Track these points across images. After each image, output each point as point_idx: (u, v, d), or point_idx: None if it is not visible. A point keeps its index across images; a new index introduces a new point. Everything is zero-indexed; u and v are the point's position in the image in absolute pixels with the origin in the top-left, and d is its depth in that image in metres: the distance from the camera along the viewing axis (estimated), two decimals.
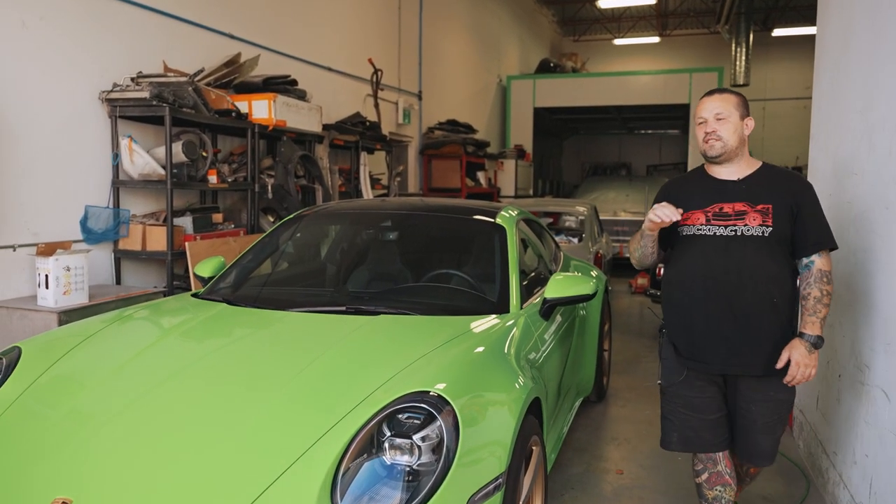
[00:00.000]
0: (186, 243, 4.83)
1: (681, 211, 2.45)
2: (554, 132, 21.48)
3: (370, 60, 8.01)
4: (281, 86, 6.06)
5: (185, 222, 5.02)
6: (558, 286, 3.23)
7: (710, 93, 2.56)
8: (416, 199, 4.58)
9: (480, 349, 2.52)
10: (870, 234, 2.87)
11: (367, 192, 7.75)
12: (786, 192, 2.46)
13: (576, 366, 4.16)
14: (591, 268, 5.39)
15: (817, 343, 2.40)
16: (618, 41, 21.12)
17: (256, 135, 5.68)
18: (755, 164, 2.55)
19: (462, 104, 13.20)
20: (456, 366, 2.32)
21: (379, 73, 8.26)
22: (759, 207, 2.45)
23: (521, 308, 3.11)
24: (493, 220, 3.65)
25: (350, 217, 4.11)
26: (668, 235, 2.62)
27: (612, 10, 20.37)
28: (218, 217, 5.45)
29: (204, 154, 5.07)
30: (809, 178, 4.18)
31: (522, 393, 2.40)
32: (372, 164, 8.96)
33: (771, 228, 2.42)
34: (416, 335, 2.65)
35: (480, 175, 12.20)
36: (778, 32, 19.69)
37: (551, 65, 17.17)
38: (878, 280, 2.79)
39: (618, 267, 10.46)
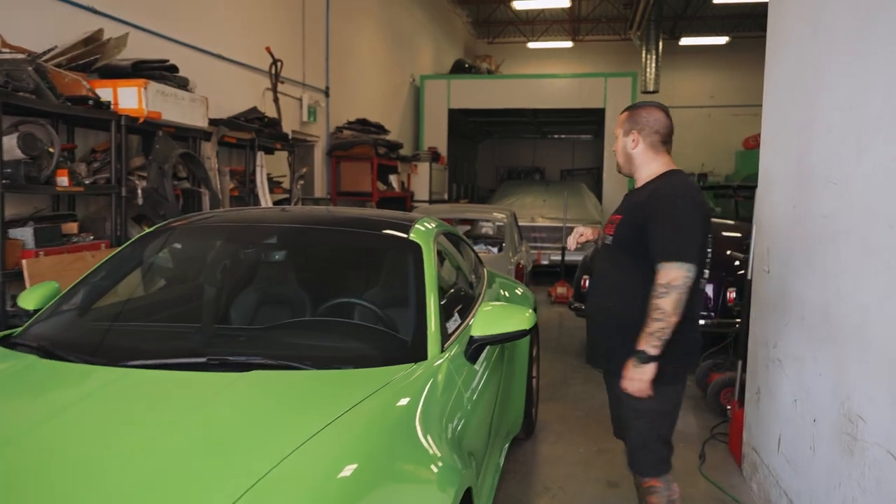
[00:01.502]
0: (24, 261, 3.87)
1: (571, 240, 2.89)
2: (468, 135, 21.05)
3: (268, 49, 7.14)
4: (155, 71, 5.13)
5: (25, 234, 4.05)
6: (488, 320, 2.59)
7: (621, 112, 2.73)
8: (319, 209, 3.80)
9: (388, 427, 1.82)
10: (865, 256, 2.37)
11: (265, 198, 6.89)
12: (639, 203, 2.53)
13: (505, 404, 3.53)
14: (516, 284, 4.80)
15: (640, 357, 2.38)
16: (532, 45, 20.96)
17: (123, 128, 4.74)
18: (649, 177, 2.59)
19: (373, 103, 12.45)
20: (351, 463, 1.61)
21: (279, 63, 7.40)
22: (613, 218, 2.66)
23: (442, 351, 2.43)
24: (406, 235, 2.95)
25: (230, 231, 3.29)
26: None
27: (527, 13, 20.17)
28: (71, 227, 4.48)
29: (50, 150, 4.11)
30: (762, 189, 3.72)
31: (452, 486, 1.72)
32: (272, 166, 8.08)
33: (612, 237, 2.60)
34: (297, 405, 1.91)
35: (393, 178, 11.49)
36: (685, 42, 20.05)
37: (466, 66, 16.69)
38: (877, 313, 2.28)
39: (535, 275, 10.02)
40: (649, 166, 2.59)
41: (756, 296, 3.76)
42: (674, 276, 2.31)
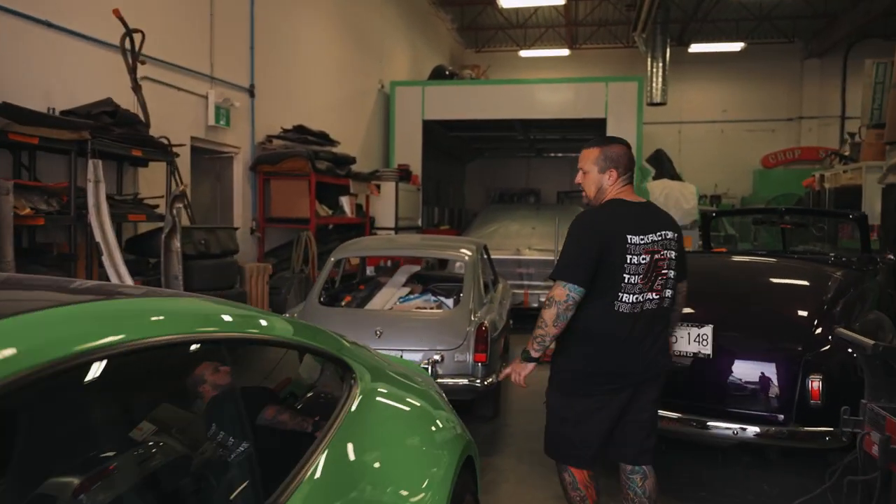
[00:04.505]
0: None
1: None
2: (454, 153, 18.86)
3: (116, 13, 4.94)
4: None
5: None
6: None
7: (586, 144, 2.90)
8: None
9: None
10: None
11: (102, 228, 4.63)
12: None
13: None
14: (407, 389, 2.55)
15: (523, 355, 2.81)
16: (524, 53, 18.85)
17: None
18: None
19: (327, 111, 10.25)
20: None
21: (135, 34, 5.17)
22: None
23: None
24: None
25: None
26: None
27: (517, 17, 18.11)
28: None
29: None
30: None
31: None
32: (151, 183, 5.86)
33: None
34: None
35: (345, 200, 9.24)
36: (695, 48, 17.94)
37: (447, 73, 14.49)
38: None
39: (521, 318, 7.75)
40: (611, 196, 2.83)
41: None
42: (553, 293, 2.66)
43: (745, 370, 3.90)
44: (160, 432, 1.44)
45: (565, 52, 18.69)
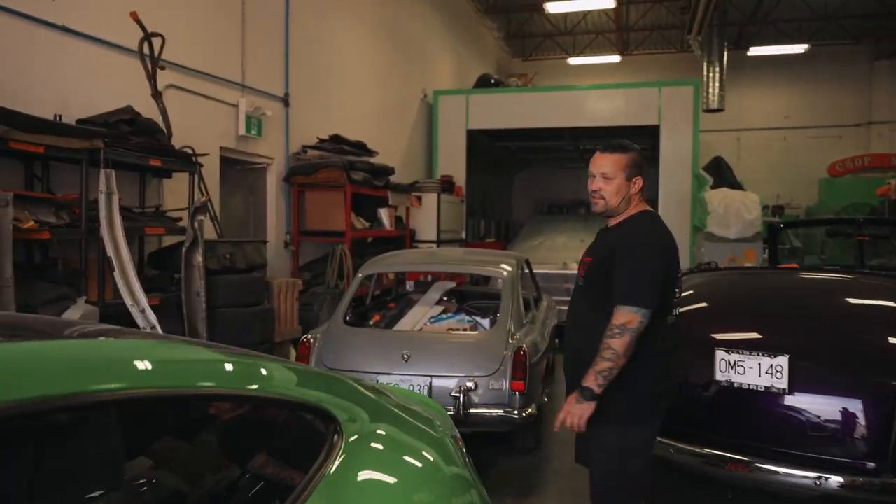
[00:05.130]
0: None
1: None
2: (502, 165, 18.41)
3: (133, 16, 4.69)
4: None
5: None
6: None
7: (603, 149, 2.66)
8: None
9: None
10: None
11: (116, 241, 4.36)
12: (608, 244, 2.62)
13: None
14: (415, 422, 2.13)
15: (584, 393, 2.47)
16: (573, 60, 18.32)
17: None
18: (623, 217, 2.65)
19: (366, 121, 9.97)
20: None
21: (154, 39, 4.92)
22: (586, 260, 2.72)
23: None
24: None
25: None
26: None
27: (566, 23, 17.62)
28: None
29: None
30: None
31: None
32: (177, 195, 5.62)
33: (584, 279, 2.69)
34: None
35: (383, 212, 8.90)
36: (754, 52, 17.08)
37: (492, 81, 14.05)
38: None
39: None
40: (635, 208, 2.66)
41: None
42: (628, 321, 2.43)
43: (827, 407, 3.32)
44: None
45: (616, 58, 18.07)
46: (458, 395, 4.09)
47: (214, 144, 6.45)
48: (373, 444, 1.75)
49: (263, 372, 1.59)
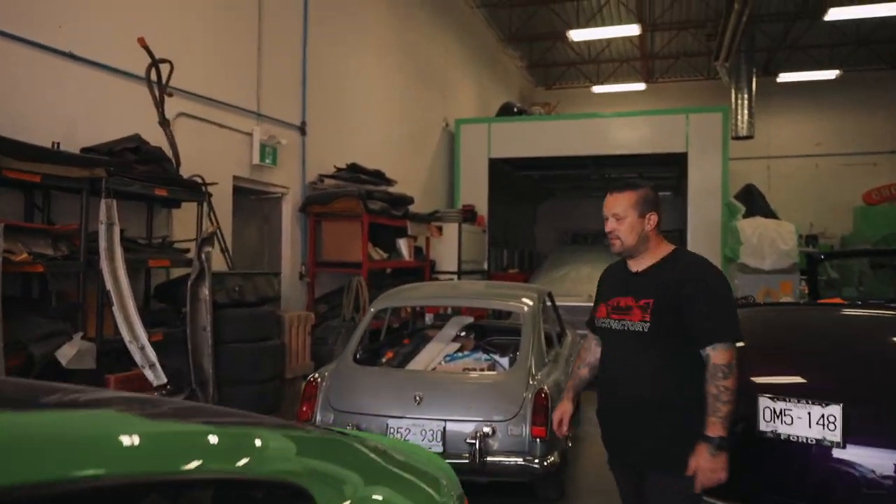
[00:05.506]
0: None
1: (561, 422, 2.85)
2: (525, 195, 18.16)
3: (141, 41, 4.56)
4: None
5: None
6: None
7: (611, 190, 2.62)
8: None
9: None
10: None
11: (116, 273, 4.16)
12: (674, 283, 2.49)
13: None
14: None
15: (720, 444, 2.33)
16: (597, 89, 18.11)
17: None
18: (660, 254, 2.59)
19: (385, 150, 9.81)
20: None
21: (163, 65, 4.78)
22: (641, 302, 2.52)
23: None
24: None
25: None
26: None
27: (589, 51, 17.45)
28: None
29: None
30: None
31: None
32: (186, 226, 5.45)
33: (649, 324, 2.47)
34: None
35: (402, 243, 8.67)
36: (784, 78, 16.71)
37: (515, 110, 13.88)
38: None
39: None
40: (659, 246, 2.60)
41: None
42: (731, 356, 2.38)
43: (886, 462, 2.96)
44: None
45: (641, 86, 17.83)
46: (473, 441, 3.78)
47: (227, 173, 6.29)
48: None
49: (226, 444, 1.32)
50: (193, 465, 1.17)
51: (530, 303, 4.71)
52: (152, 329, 4.79)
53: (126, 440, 1.13)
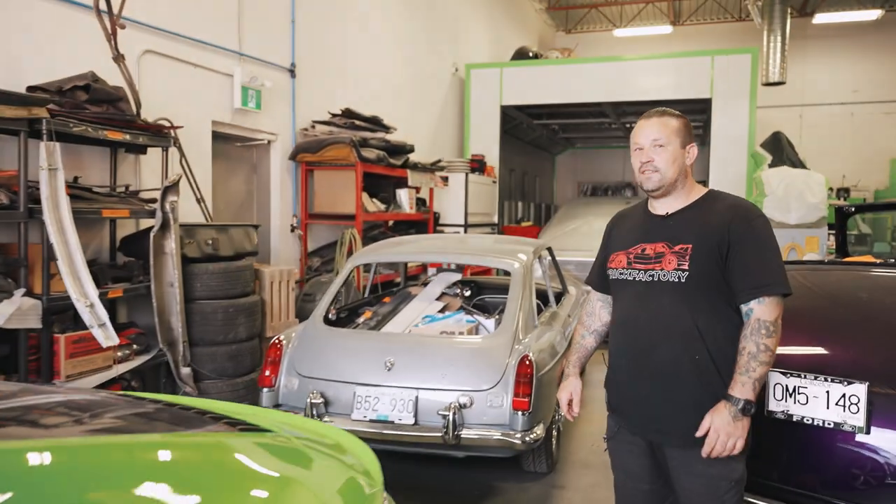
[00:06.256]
0: None
1: (571, 403, 2.42)
2: (543, 145, 17.49)
3: None
4: None
5: None
6: None
7: (648, 115, 2.25)
8: None
9: None
10: None
11: (62, 226, 3.79)
12: (716, 227, 2.12)
13: None
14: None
15: (746, 408, 2.03)
16: (619, 32, 17.18)
17: None
18: (694, 195, 2.24)
19: (389, 96, 9.27)
20: None
21: None
22: (677, 248, 2.15)
23: None
24: None
25: None
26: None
27: None
28: None
29: None
30: None
31: None
32: (156, 174, 5.06)
33: (687, 273, 2.11)
34: None
35: (403, 194, 8.22)
36: (820, 19, 15.64)
37: (531, 55, 13.13)
38: None
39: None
40: (694, 186, 2.25)
41: None
42: (779, 312, 2.07)
43: None
44: None
45: (667, 28, 16.85)
46: (446, 413, 3.39)
47: (205, 118, 5.85)
48: None
49: None
50: None
51: (524, 258, 4.25)
52: (114, 284, 4.46)
53: None
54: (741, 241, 2.09)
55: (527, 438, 3.41)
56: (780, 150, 9.66)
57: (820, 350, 2.83)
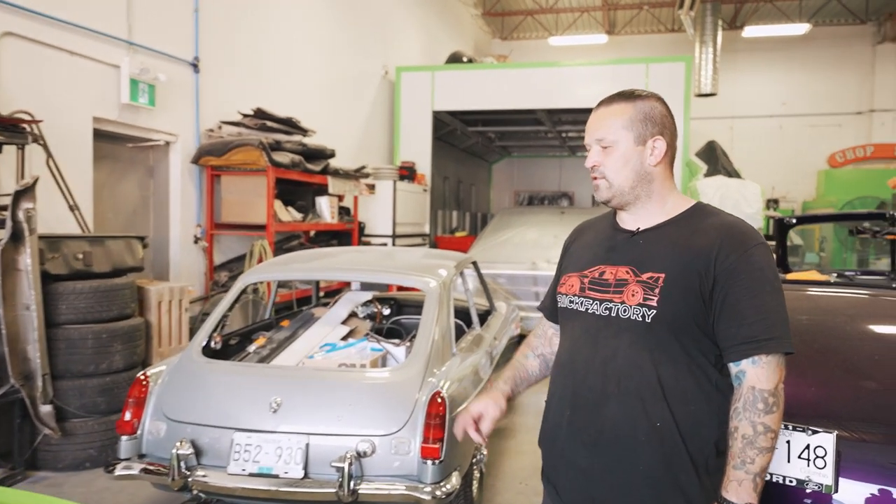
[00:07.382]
0: None
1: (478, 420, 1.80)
2: (478, 153, 17.13)
3: None
4: None
5: None
6: None
7: (600, 102, 1.71)
8: None
9: None
10: None
11: None
12: (699, 252, 1.57)
13: None
14: None
15: None
16: (554, 41, 16.98)
17: None
18: (675, 209, 1.68)
19: (311, 97, 8.64)
20: None
21: None
22: (645, 277, 1.60)
23: None
24: None
25: None
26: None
27: None
28: None
29: None
30: None
31: None
32: (11, 176, 4.30)
33: (654, 311, 1.56)
34: None
35: (324, 202, 7.58)
36: (749, 33, 15.83)
37: (465, 60, 12.72)
38: None
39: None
40: (671, 194, 1.69)
41: None
42: (780, 377, 1.53)
43: None
44: None
45: (602, 38, 16.76)
46: (340, 465, 2.81)
47: (85, 114, 5.11)
48: None
49: None
50: None
51: (443, 274, 3.72)
52: None
53: None
54: (732, 275, 1.55)
55: (437, 492, 2.86)
56: (715, 160, 9.50)
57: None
